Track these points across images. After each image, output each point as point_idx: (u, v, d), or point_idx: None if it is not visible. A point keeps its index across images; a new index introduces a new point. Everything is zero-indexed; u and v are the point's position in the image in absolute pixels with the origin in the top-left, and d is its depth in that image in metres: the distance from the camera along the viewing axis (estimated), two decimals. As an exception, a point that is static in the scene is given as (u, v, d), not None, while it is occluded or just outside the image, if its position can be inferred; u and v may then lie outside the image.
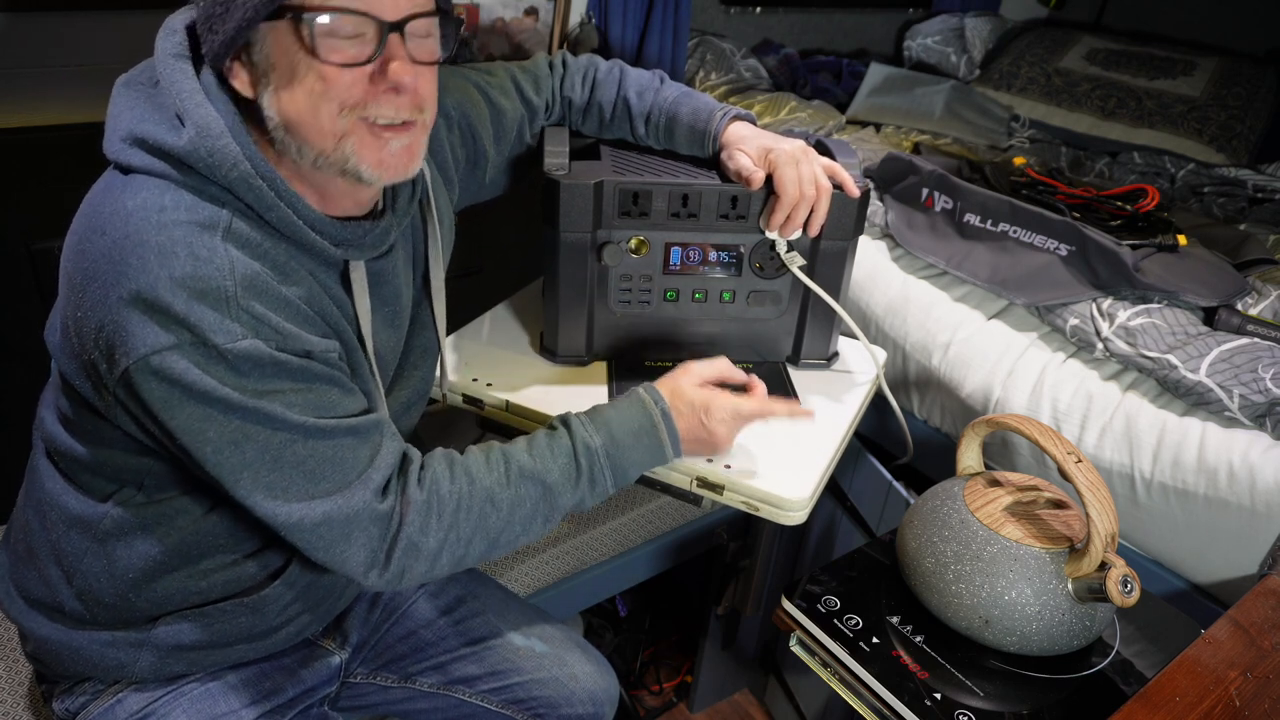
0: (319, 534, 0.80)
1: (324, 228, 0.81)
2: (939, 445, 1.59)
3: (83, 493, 0.88)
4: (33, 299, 1.58)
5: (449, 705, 1.14)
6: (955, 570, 0.98)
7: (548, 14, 2.06)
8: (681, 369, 0.99)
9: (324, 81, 0.74)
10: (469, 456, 0.89)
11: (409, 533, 0.82)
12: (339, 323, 0.85)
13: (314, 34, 0.72)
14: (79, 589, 0.90)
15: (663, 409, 0.95)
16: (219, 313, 0.72)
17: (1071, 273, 1.45)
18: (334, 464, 0.79)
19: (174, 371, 0.72)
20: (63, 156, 1.52)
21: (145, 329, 0.71)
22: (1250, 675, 0.90)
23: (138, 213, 0.72)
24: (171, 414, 0.74)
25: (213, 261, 0.72)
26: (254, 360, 0.74)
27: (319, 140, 0.77)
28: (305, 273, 0.81)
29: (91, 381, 0.77)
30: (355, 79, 0.75)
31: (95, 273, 0.72)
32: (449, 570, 0.86)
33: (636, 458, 0.94)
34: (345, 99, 0.75)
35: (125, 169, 0.76)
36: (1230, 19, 2.80)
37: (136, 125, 0.75)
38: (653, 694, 2.12)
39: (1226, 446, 1.23)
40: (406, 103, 0.78)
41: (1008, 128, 2.38)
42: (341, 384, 0.82)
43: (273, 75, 0.75)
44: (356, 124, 0.77)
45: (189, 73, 0.76)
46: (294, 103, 0.75)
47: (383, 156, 0.79)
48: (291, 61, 0.74)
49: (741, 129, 1.09)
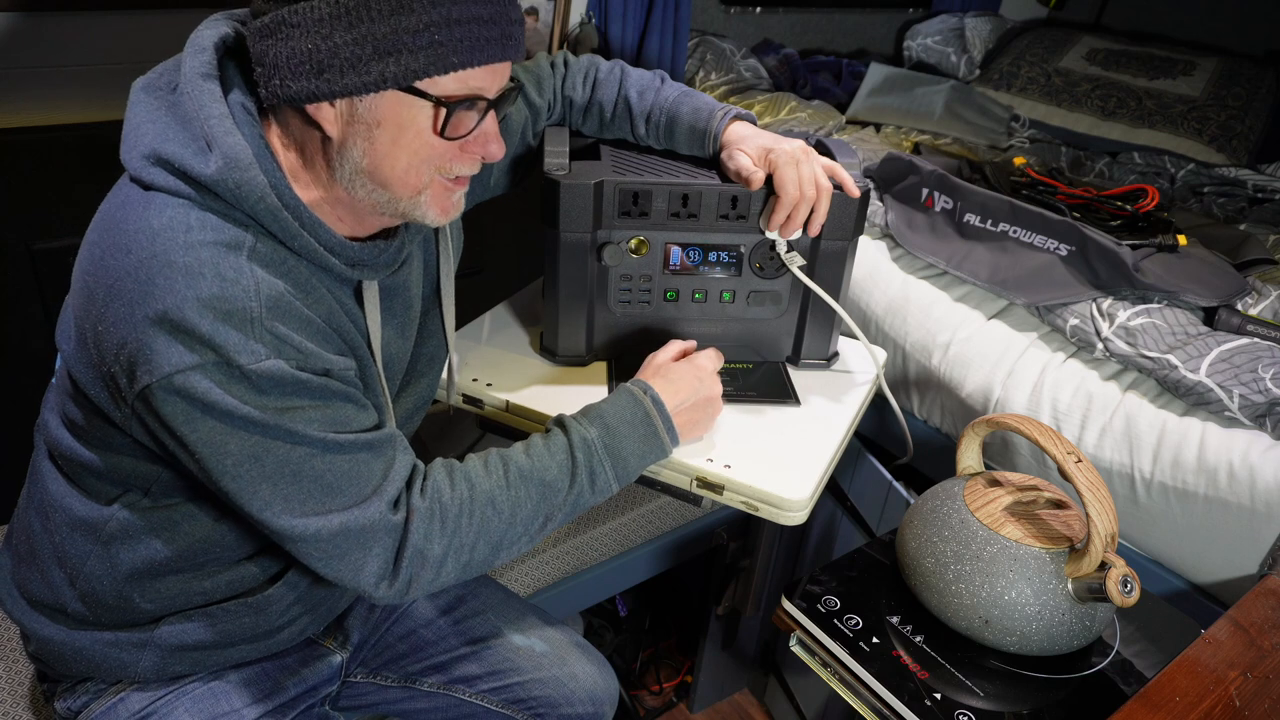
0: (335, 545, 0.80)
1: (343, 251, 0.83)
2: (939, 445, 1.59)
3: (86, 496, 0.88)
4: (33, 299, 1.58)
5: (449, 705, 1.14)
6: (955, 570, 0.98)
7: (548, 14, 2.06)
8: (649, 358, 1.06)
9: (431, 149, 0.80)
10: (468, 464, 0.89)
11: (414, 541, 0.83)
12: (354, 338, 0.86)
13: (449, 117, 0.78)
14: (82, 590, 0.90)
15: (653, 396, 0.97)
16: (243, 334, 0.72)
17: (1071, 273, 1.45)
18: (350, 478, 0.80)
19: (197, 390, 0.72)
20: (63, 156, 1.52)
21: (170, 349, 0.71)
22: (1250, 675, 0.90)
23: (164, 232, 0.73)
24: (192, 429, 0.74)
25: (239, 282, 0.73)
26: (276, 379, 0.74)
27: (400, 191, 0.81)
28: (324, 290, 0.82)
29: (109, 392, 0.77)
30: (453, 147, 0.81)
31: (120, 290, 0.73)
32: (455, 578, 0.87)
33: (634, 446, 0.94)
34: (441, 163, 0.81)
35: (146, 186, 0.76)
36: (1230, 19, 2.80)
37: (161, 145, 0.75)
38: (653, 694, 2.13)
39: (1226, 446, 1.23)
40: (480, 163, 0.85)
41: (1008, 128, 2.38)
42: (357, 400, 0.83)
43: (377, 132, 0.77)
44: (435, 179, 0.82)
45: (217, 95, 0.76)
46: (393, 160, 0.79)
47: (446, 205, 0.85)
48: (404, 125, 0.77)
49: (742, 129, 1.09)
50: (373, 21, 0.71)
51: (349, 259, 0.83)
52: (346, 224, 0.85)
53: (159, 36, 1.58)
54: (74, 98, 1.56)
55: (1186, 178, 2.20)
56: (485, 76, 0.78)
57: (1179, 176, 2.21)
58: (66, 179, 1.53)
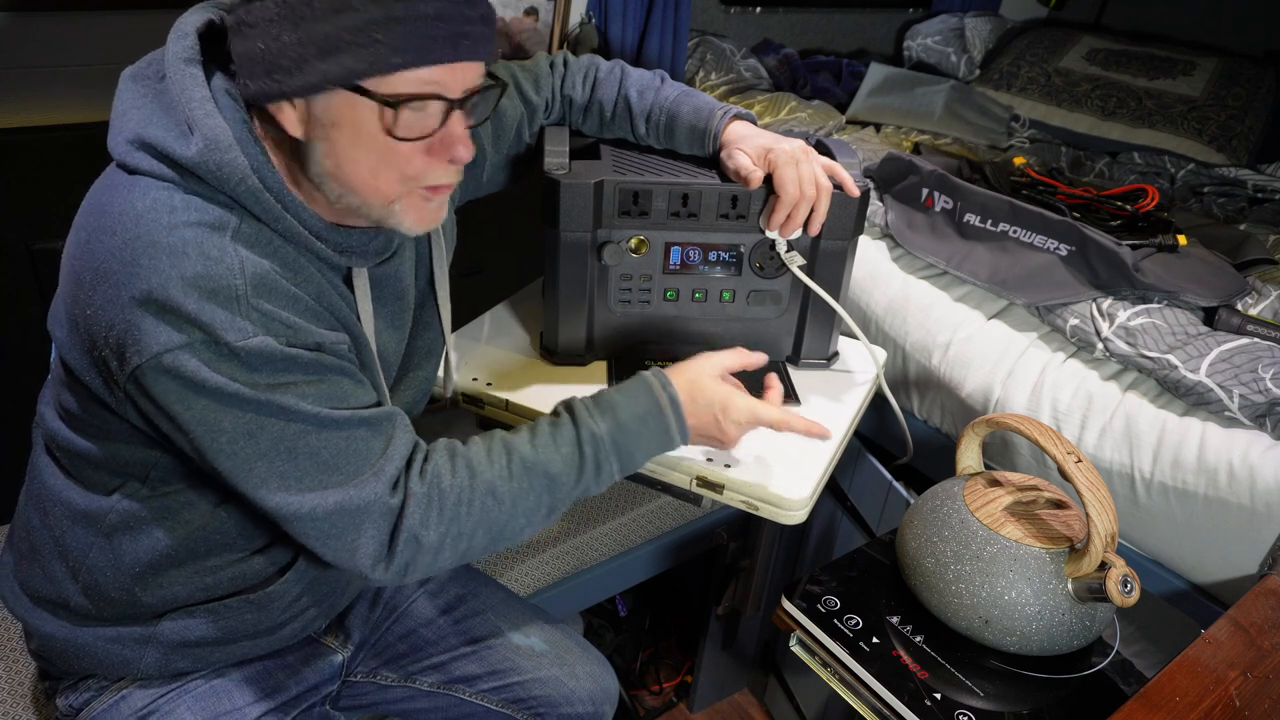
0: (331, 523, 0.79)
1: (329, 235, 0.82)
2: (939, 445, 1.59)
3: (85, 487, 0.88)
4: (33, 299, 1.58)
5: (449, 704, 1.14)
6: (955, 570, 0.98)
7: (548, 14, 2.06)
8: (702, 357, 0.97)
9: (391, 153, 0.78)
10: (471, 448, 0.88)
11: (409, 524, 0.82)
12: (346, 317, 0.86)
13: (396, 117, 0.75)
14: (85, 584, 0.90)
15: (671, 395, 0.92)
16: (229, 311, 0.72)
17: (1071, 273, 1.45)
18: (347, 455, 0.79)
19: (186, 369, 0.72)
20: (63, 156, 1.52)
21: (157, 329, 0.71)
22: (1250, 675, 0.90)
23: (148, 214, 0.73)
24: (185, 408, 0.74)
25: (223, 261, 0.73)
26: (265, 356, 0.74)
27: (371, 198, 0.80)
28: (314, 270, 0.82)
29: (102, 377, 0.78)
30: (416, 150, 0.79)
31: (106, 272, 0.73)
32: (453, 563, 0.86)
33: (643, 443, 0.92)
34: (406, 170, 0.79)
35: (131, 170, 0.76)
36: (1230, 19, 2.80)
37: (144, 129, 0.75)
38: (653, 694, 2.13)
39: (1226, 446, 1.23)
40: (455, 170, 0.83)
41: (1008, 128, 2.38)
42: (353, 375, 0.83)
43: (334, 133, 0.76)
44: (412, 190, 0.81)
45: (199, 79, 0.76)
46: (355, 164, 0.78)
47: (423, 215, 0.84)
48: (357, 127, 0.76)
49: (742, 128, 1.09)
50: (315, 21, 0.71)
51: (335, 244, 0.83)
52: (333, 216, 0.84)
53: (159, 37, 1.58)
54: (74, 98, 1.56)
55: (1186, 178, 2.20)
56: (442, 75, 0.76)
57: (1179, 176, 2.21)
58: (66, 179, 1.53)
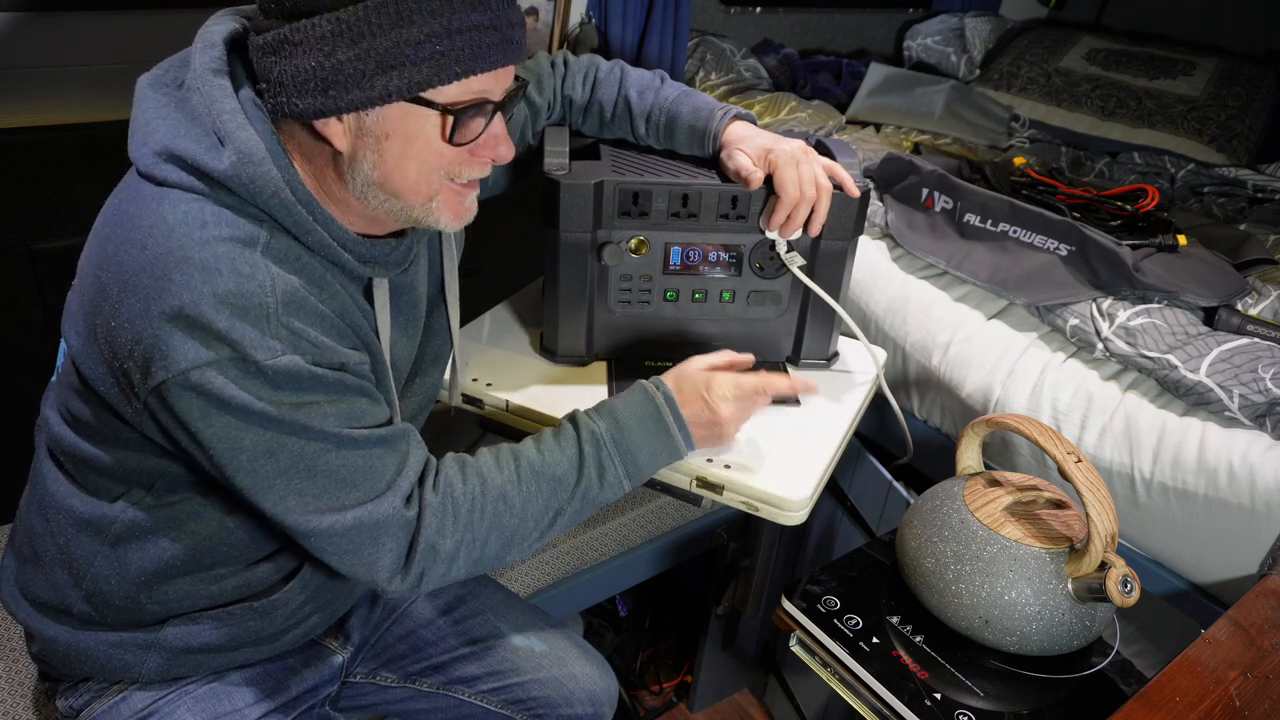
0: (349, 539, 0.80)
1: (355, 247, 0.83)
2: (939, 445, 1.59)
3: (88, 494, 0.88)
4: (33, 299, 1.58)
5: (449, 705, 1.14)
6: (955, 570, 0.98)
7: (548, 14, 2.06)
8: (686, 360, 1.00)
9: (439, 157, 0.80)
10: (480, 458, 0.90)
11: (427, 534, 0.83)
12: (366, 333, 0.87)
13: (455, 124, 0.78)
14: (88, 591, 0.90)
15: (665, 393, 0.95)
16: (259, 330, 0.73)
17: (1071, 273, 1.45)
18: (364, 473, 0.80)
19: (212, 386, 0.72)
20: (63, 156, 1.52)
21: (186, 345, 0.71)
22: (1250, 675, 0.90)
23: (179, 228, 0.73)
24: (207, 425, 0.74)
25: (255, 278, 0.73)
26: (291, 375, 0.74)
27: (412, 199, 0.81)
28: (338, 285, 0.83)
29: (120, 388, 0.77)
30: (462, 151, 0.81)
31: (135, 285, 0.72)
32: (467, 572, 0.87)
33: (644, 443, 0.93)
34: (450, 171, 0.82)
35: (158, 182, 0.75)
36: (1230, 19, 2.80)
37: (172, 140, 0.75)
38: (653, 694, 2.13)
39: (1226, 446, 1.23)
40: (490, 165, 0.85)
41: (1008, 128, 2.38)
42: (370, 394, 0.83)
43: (385, 144, 0.77)
44: (445, 185, 0.83)
45: (228, 90, 0.76)
46: (403, 170, 0.79)
47: (459, 210, 0.86)
48: (410, 135, 0.77)
49: (742, 129, 1.09)
50: (374, 36, 0.72)
51: (361, 255, 0.84)
52: (359, 226, 0.85)
53: (159, 36, 1.58)
54: (74, 98, 1.56)
55: (1186, 178, 2.20)
56: (489, 81, 0.78)
57: (1179, 176, 2.21)
58: (66, 179, 1.53)
